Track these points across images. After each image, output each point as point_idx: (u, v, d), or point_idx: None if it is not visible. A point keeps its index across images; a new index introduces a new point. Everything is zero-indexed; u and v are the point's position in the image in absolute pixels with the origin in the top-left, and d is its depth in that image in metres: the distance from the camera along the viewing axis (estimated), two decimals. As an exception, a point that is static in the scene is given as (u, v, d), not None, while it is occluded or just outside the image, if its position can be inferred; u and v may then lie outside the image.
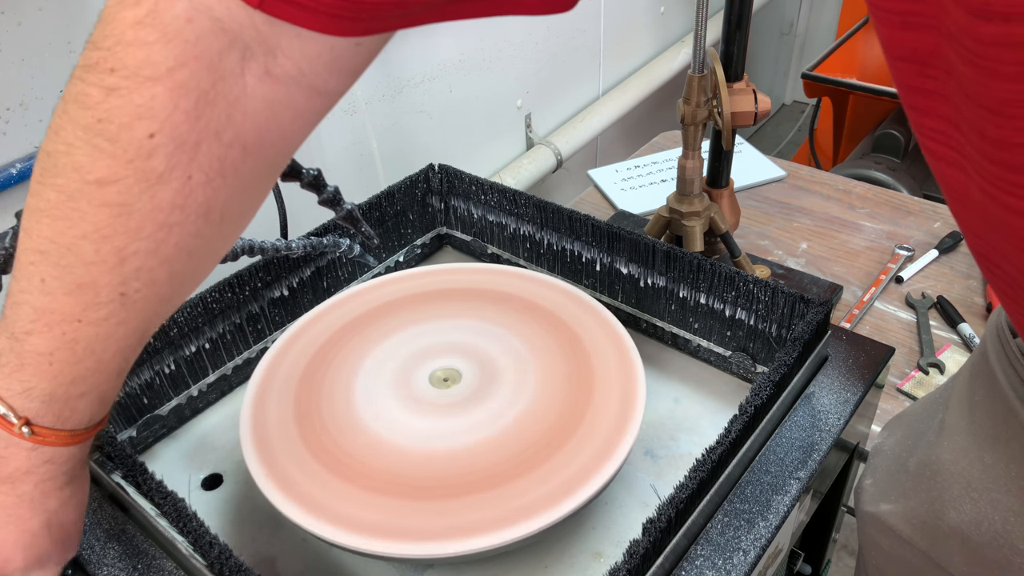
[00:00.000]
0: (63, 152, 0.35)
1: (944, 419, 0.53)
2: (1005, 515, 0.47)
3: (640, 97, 1.62)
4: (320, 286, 0.76)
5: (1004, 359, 0.46)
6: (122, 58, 0.33)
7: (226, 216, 0.38)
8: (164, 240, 0.36)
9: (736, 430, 0.52)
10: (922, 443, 0.55)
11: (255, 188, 0.39)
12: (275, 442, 0.57)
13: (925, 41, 0.30)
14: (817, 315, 0.60)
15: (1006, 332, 0.46)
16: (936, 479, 0.52)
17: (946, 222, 1.13)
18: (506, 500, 0.52)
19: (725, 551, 0.51)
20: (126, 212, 0.35)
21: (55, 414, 0.40)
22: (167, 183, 0.34)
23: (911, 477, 0.54)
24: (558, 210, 0.75)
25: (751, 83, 0.88)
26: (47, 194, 0.36)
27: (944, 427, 0.53)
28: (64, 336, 0.38)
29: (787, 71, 2.73)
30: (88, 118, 0.34)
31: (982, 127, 0.29)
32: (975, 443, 0.49)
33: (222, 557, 0.45)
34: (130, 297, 0.37)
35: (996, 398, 0.47)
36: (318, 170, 0.62)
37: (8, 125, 0.70)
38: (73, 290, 0.36)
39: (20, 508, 0.42)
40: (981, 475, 0.49)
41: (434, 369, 0.63)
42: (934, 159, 0.34)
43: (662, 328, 0.72)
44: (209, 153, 0.34)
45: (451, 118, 1.21)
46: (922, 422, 0.57)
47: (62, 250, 0.36)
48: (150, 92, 0.33)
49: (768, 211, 1.19)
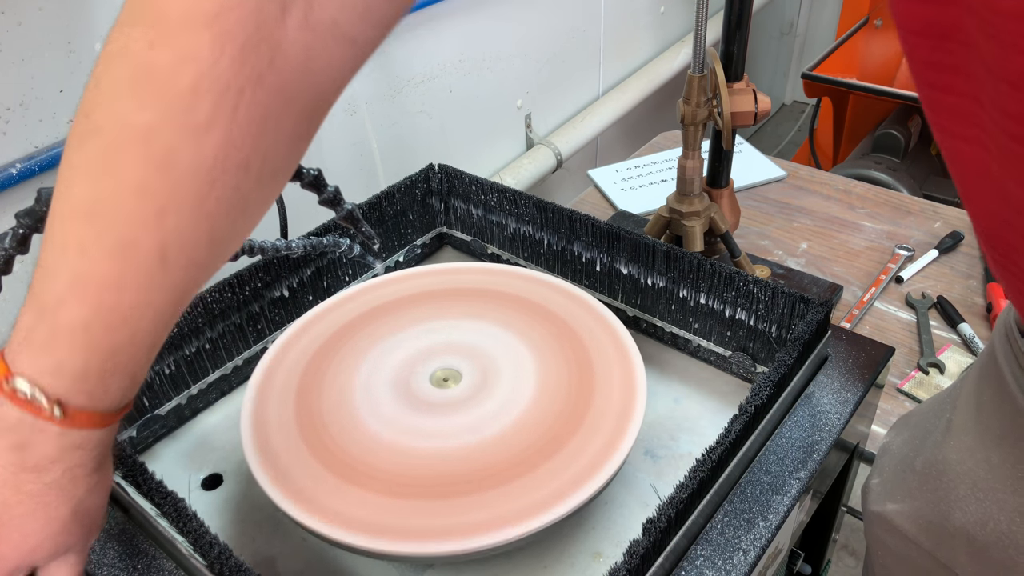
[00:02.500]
0: (104, 105, 0.34)
1: (951, 419, 0.53)
2: (1011, 515, 0.47)
3: (640, 97, 1.62)
4: (320, 286, 0.76)
5: (1012, 359, 0.46)
6: (166, 8, 0.33)
7: (264, 171, 0.37)
8: (206, 196, 0.35)
9: (736, 430, 0.52)
10: (929, 443, 0.55)
11: (293, 143, 0.39)
12: (275, 442, 0.57)
13: (944, 14, 0.29)
14: (817, 315, 0.60)
15: (1014, 331, 0.46)
16: (942, 479, 0.52)
17: (946, 222, 1.13)
18: (506, 500, 0.52)
19: (725, 551, 0.51)
20: (168, 165, 0.34)
21: (87, 393, 0.39)
22: (210, 132, 0.34)
23: (917, 477, 0.54)
24: (558, 210, 0.75)
25: (751, 83, 0.88)
26: (86, 151, 0.35)
27: (951, 427, 0.52)
28: (101, 304, 0.36)
29: (787, 71, 2.73)
30: (130, 69, 0.33)
31: (1003, 103, 0.28)
32: (981, 443, 0.49)
33: (222, 557, 0.45)
34: (170, 261, 0.36)
35: (1004, 398, 0.47)
36: (318, 170, 0.62)
37: (8, 125, 0.70)
38: (113, 252, 0.35)
39: (48, 496, 0.41)
40: (987, 475, 0.48)
41: (434, 369, 0.63)
42: (950, 138, 0.34)
43: (662, 328, 0.72)
44: (252, 100, 0.34)
45: (451, 118, 1.21)
46: (929, 422, 0.56)
47: (101, 210, 0.35)
48: (196, 38, 0.32)
49: (768, 211, 1.19)
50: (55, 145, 0.74)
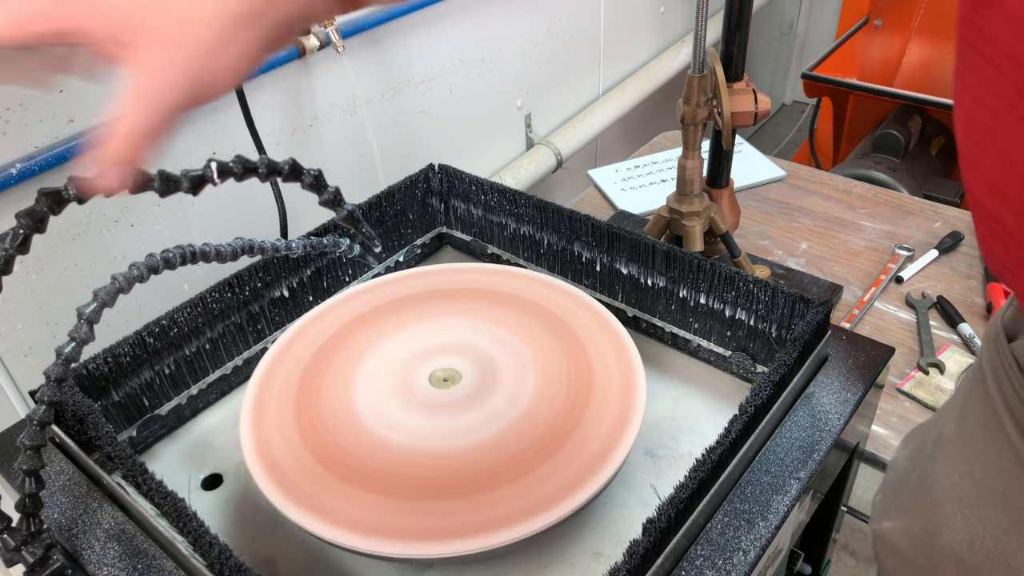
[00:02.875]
0: None
1: (941, 431, 0.51)
2: (995, 533, 0.45)
3: (640, 97, 1.62)
4: (320, 286, 0.76)
5: (998, 365, 0.45)
6: None
7: None
8: None
9: (736, 430, 0.52)
10: (922, 457, 0.53)
11: None
12: (275, 442, 0.57)
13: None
14: (817, 315, 0.60)
15: (1001, 337, 0.45)
16: (931, 495, 0.50)
17: (946, 222, 1.13)
18: (506, 500, 0.52)
19: (725, 551, 0.51)
20: None
21: None
22: None
23: (912, 493, 0.53)
24: (558, 210, 0.75)
25: (751, 83, 0.88)
26: None
27: (940, 439, 0.51)
28: None
29: (787, 71, 2.73)
30: None
31: None
32: (965, 455, 0.48)
33: (222, 557, 0.45)
34: None
35: (986, 407, 0.46)
36: (319, 171, 0.62)
37: (8, 125, 0.70)
38: None
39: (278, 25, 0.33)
40: (971, 490, 0.47)
41: (434, 369, 0.63)
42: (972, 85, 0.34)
43: (662, 328, 0.72)
44: None
45: (451, 118, 1.21)
46: (927, 434, 0.55)
47: None
48: None
49: (768, 211, 1.19)
50: (55, 145, 0.74)
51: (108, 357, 0.61)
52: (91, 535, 0.54)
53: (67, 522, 0.55)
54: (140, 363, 0.63)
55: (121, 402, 0.63)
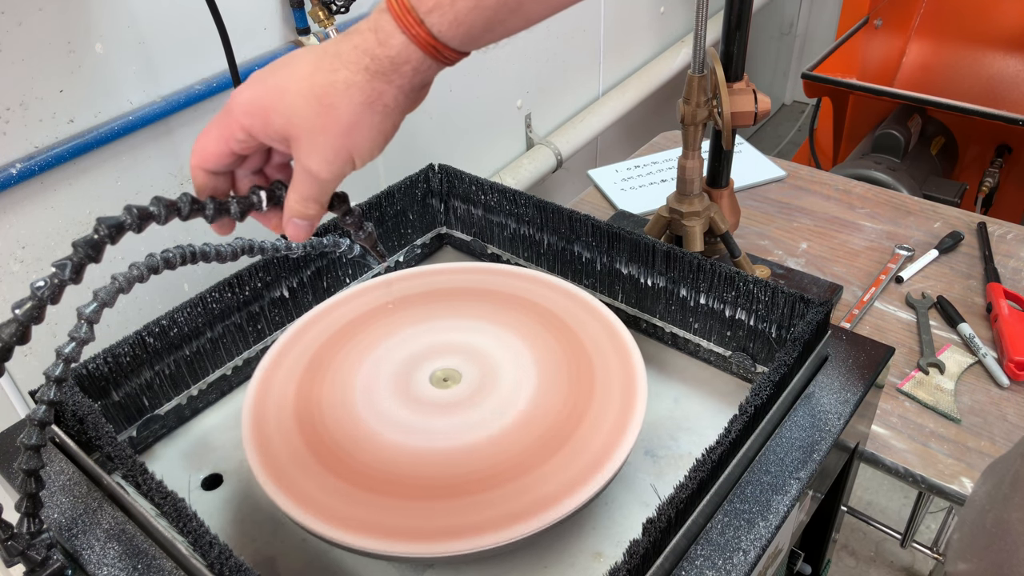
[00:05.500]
0: None
1: (1019, 470, 0.48)
2: None
3: (640, 97, 1.62)
4: (320, 286, 0.76)
5: None
6: None
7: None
8: None
9: (736, 430, 0.52)
10: (999, 496, 0.49)
11: None
12: (275, 442, 0.57)
13: None
14: (817, 315, 0.60)
15: None
16: (1005, 539, 0.47)
17: (946, 222, 1.13)
18: (506, 500, 0.52)
19: (725, 551, 0.51)
20: None
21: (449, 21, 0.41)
22: None
23: (987, 535, 0.49)
24: (558, 210, 0.75)
25: (751, 83, 0.88)
26: None
27: (1017, 480, 0.47)
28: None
29: (787, 71, 2.73)
30: None
31: None
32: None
33: (222, 557, 0.45)
34: None
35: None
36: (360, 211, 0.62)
37: (8, 125, 0.70)
38: None
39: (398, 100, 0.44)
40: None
41: (434, 369, 0.63)
42: None
43: (662, 328, 0.72)
44: None
45: (451, 118, 1.21)
46: (1005, 470, 0.51)
47: None
48: None
49: (768, 211, 1.19)
50: (55, 145, 0.74)
51: (108, 357, 0.61)
52: (91, 535, 0.54)
53: (67, 522, 0.55)
54: (140, 363, 0.63)
55: (121, 402, 0.63)
